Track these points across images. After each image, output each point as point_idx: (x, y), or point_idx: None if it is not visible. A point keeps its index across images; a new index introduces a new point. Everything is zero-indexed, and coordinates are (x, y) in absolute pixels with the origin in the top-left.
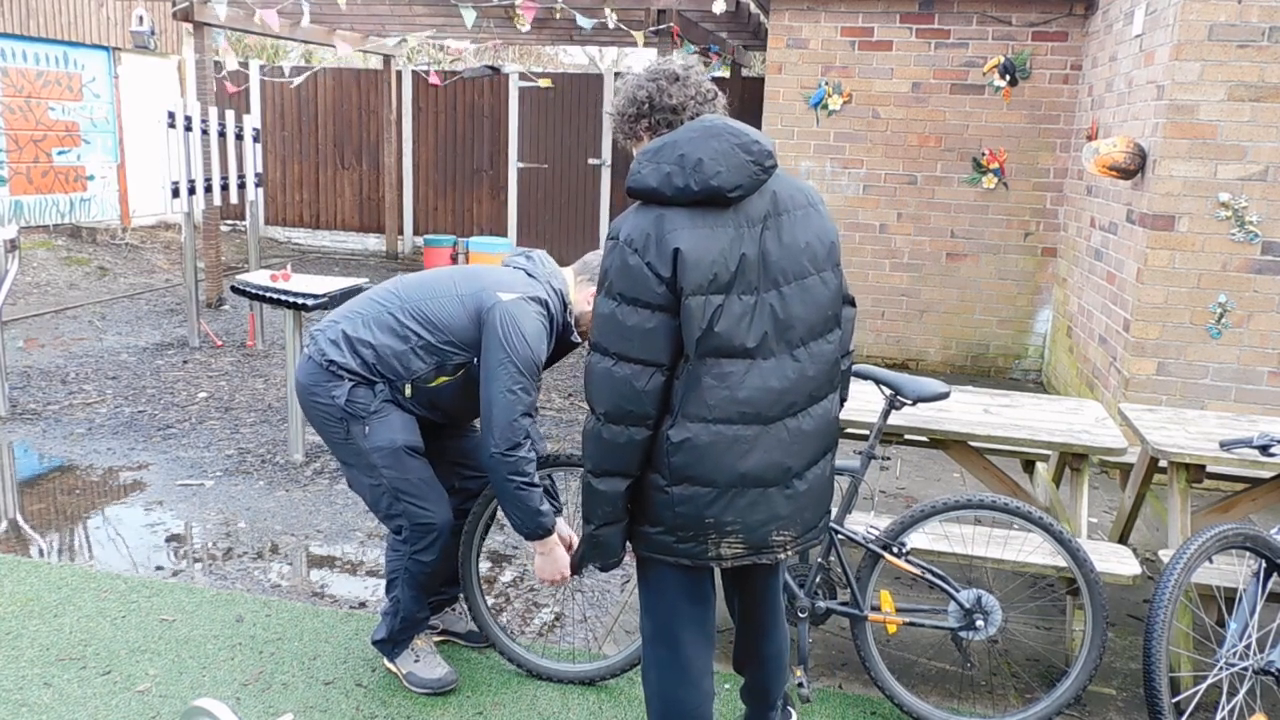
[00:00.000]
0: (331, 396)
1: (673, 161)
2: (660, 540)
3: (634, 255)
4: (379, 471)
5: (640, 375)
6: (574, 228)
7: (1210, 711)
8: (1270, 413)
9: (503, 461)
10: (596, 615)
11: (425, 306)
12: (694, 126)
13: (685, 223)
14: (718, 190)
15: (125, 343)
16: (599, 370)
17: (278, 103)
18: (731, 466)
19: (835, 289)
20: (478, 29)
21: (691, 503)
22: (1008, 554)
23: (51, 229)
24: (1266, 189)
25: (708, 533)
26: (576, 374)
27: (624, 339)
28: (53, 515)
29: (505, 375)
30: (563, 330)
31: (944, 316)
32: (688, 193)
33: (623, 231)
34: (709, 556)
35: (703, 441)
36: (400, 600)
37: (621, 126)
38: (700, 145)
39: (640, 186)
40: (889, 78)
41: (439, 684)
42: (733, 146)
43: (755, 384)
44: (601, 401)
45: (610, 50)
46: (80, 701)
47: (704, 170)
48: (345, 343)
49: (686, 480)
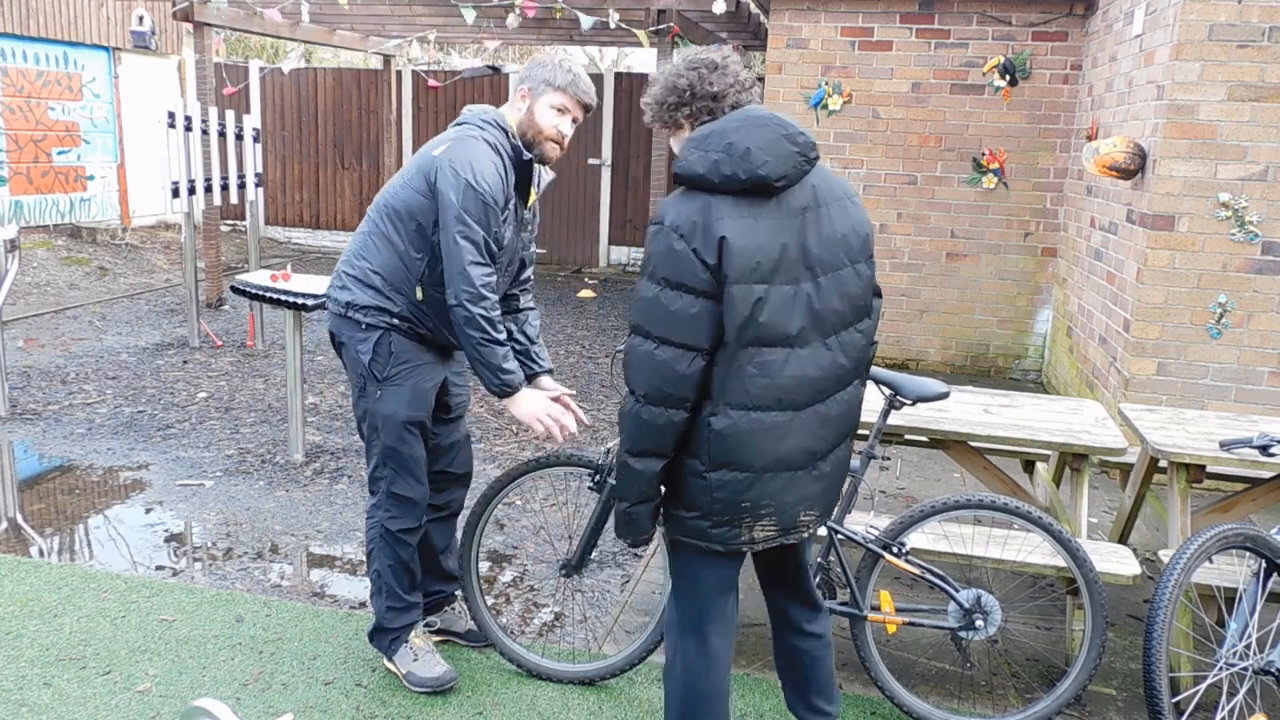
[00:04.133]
0: (358, 351)
1: (720, 149)
2: (695, 525)
3: (680, 241)
4: (378, 433)
5: (681, 359)
6: (574, 227)
7: (1210, 711)
8: (1270, 413)
9: (458, 313)
10: (596, 615)
11: (389, 202)
12: (741, 115)
13: (731, 211)
14: (764, 179)
15: (125, 343)
16: (640, 353)
17: (278, 103)
18: (769, 451)
19: (868, 280)
20: (478, 28)
21: (729, 487)
22: (1008, 554)
23: (51, 229)
24: (1266, 189)
25: (743, 516)
26: (577, 374)
27: (667, 323)
28: (53, 515)
29: (451, 225)
30: (515, 154)
31: (944, 316)
32: (735, 181)
33: (668, 217)
34: (741, 541)
35: (743, 429)
36: (380, 573)
37: (660, 114)
38: (748, 134)
39: (688, 173)
40: (889, 78)
41: (438, 682)
42: (779, 137)
43: (794, 373)
44: (642, 383)
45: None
46: (80, 701)
47: (752, 159)
48: (351, 280)
49: (725, 465)
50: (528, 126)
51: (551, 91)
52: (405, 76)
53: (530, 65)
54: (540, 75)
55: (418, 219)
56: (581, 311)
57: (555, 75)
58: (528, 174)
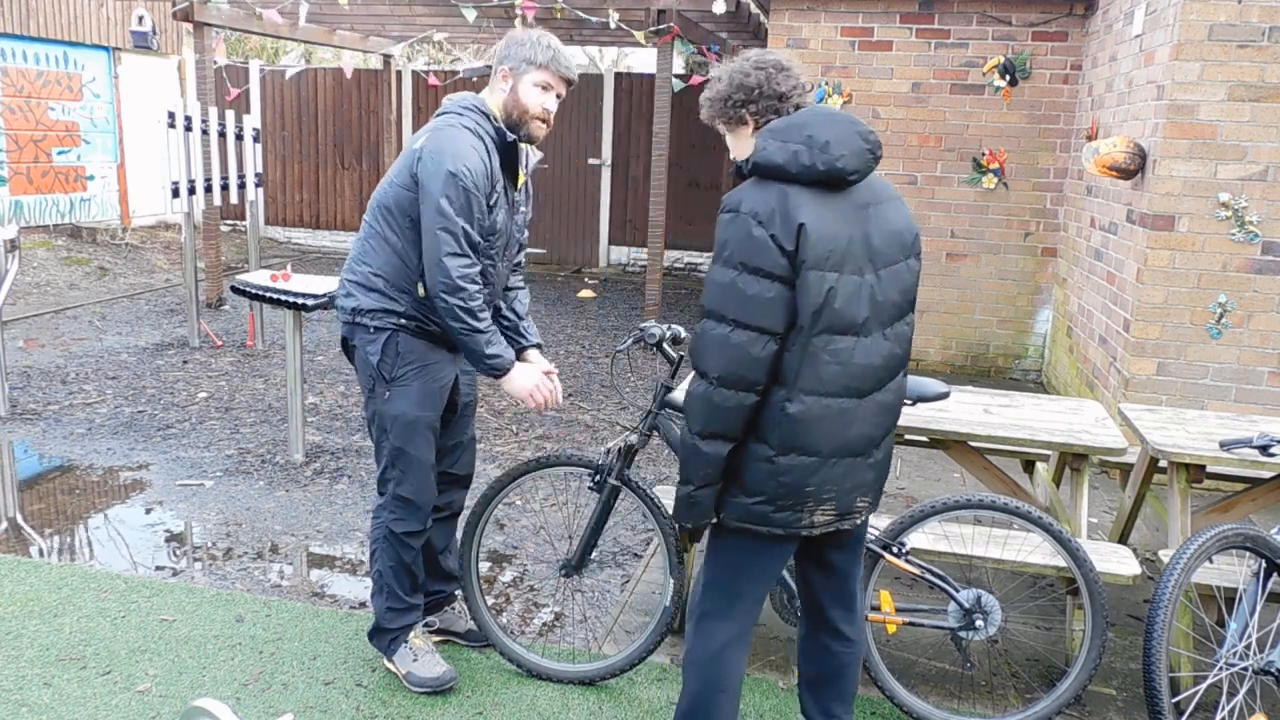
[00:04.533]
0: (367, 353)
1: (800, 141)
2: (758, 510)
3: (759, 227)
4: (387, 434)
5: (756, 342)
6: (574, 227)
7: (1210, 711)
8: (1270, 413)
9: (438, 304)
10: (596, 615)
11: (381, 201)
12: (817, 111)
13: (807, 200)
14: (840, 172)
15: (125, 343)
16: (714, 335)
17: (278, 103)
18: (837, 437)
19: (916, 275)
20: (478, 28)
21: (796, 471)
22: (1008, 554)
23: (51, 229)
24: (1266, 189)
25: (806, 501)
26: (577, 374)
27: (743, 306)
28: (53, 515)
29: (430, 216)
30: (498, 137)
31: (944, 316)
32: (812, 172)
33: (745, 204)
34: (802, 525)
35: (815, 414)
36: (382, 573)
37: (725, 110)
38: (826, 128)
39: (767, 163)
40: (889, 78)
41: (438, 682)
42: (854, 133)
43: (861, 360)
44: (715, 366)
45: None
46: (80, 701)
47: (830, 152)
48: (355, 287)
49: (795, 450)
50: (513, 107)
51: (534, 69)
52: (405, 76)
53: (508, 44)
54: (520, 54)
55: (409, 214)
56: (581, 312)
57: (536, 53)
58: (514, 156)
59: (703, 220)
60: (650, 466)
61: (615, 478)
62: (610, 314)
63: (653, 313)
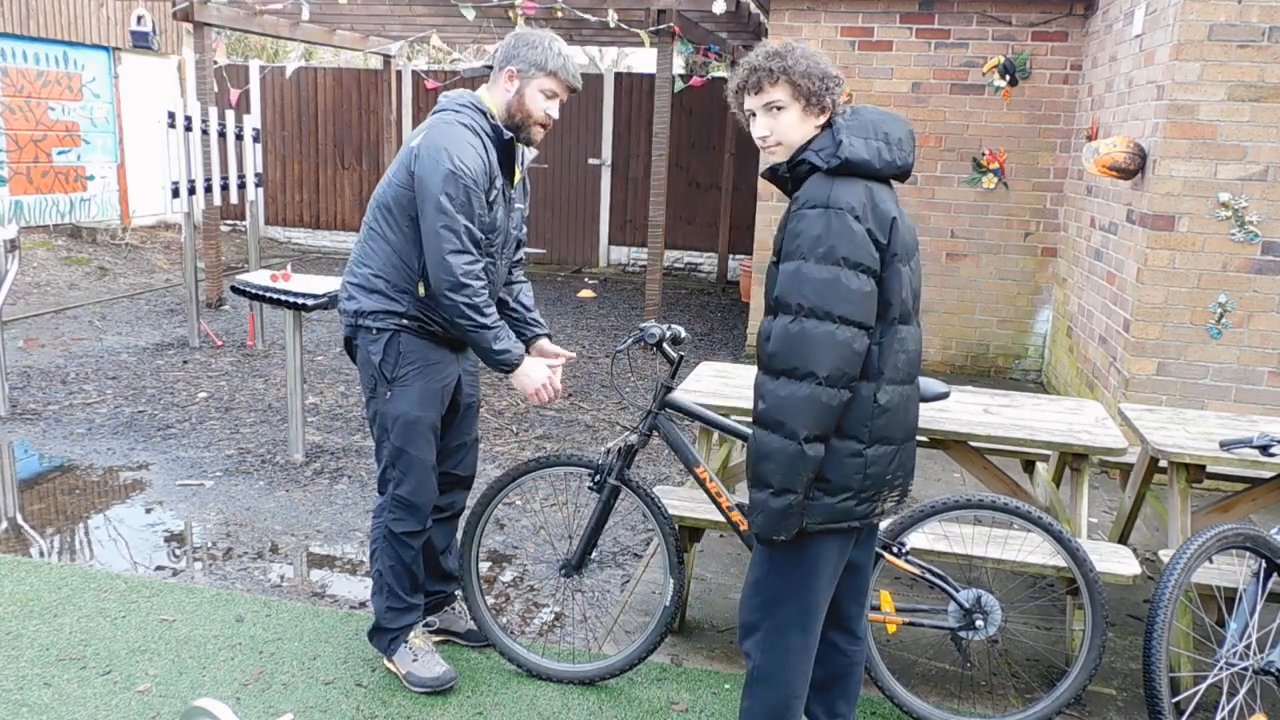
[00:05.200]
0: (369, 353)
1: (880, 138)
2: (843, 507)
3: (857, 222)
4: (388, 434)
5: (858, 338)
6: (574, 227)
7: (1210, 711)
8: (1270, 413)
9: (445, 302)
10: (596, 615)
11: (380, 200)
12: (871, 109)
13: (885, 196)
14: (907, 168)
15: (125, 343)
16: (820, 334)
17: (278, 103)
18: (906, 422)
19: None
20: (478, 28)
21: (880, 461)
22: (1008, 554)
23: (51, 229)
24: (1266, 189)
25: (884, 488)
26: (577, 374)
27: (849, 302)
28: (53, 515)
29: (430, 214)
30: (495, 134)
31: (944, 316)
32: (892, 168)
33: (837, 199)
34: (875, 513)
35: (896, 402)
36: (382, 573)
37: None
38: (893, 126)
39: (856, 158)
40: (889, 78)
41: (438, 682)
42: (908, 132)
43: (914, 347)
44: (824, 365)
45: (610, 50)
46: (80, 701)
47: (904, 148)
48: (356, 289)
49: (881, 440)
50: (516, 110)
51: (543, 76)
52: (405, 76)
53: (516, 44)
54: (531, 57)
55: (409, 213)
56: (581, 312)
57: (548, 59)
58: (510, 153)
59: (702, 220)
60: (650, 466)
61: (615, 478)
62: (610, 314)
63: (653, 313)
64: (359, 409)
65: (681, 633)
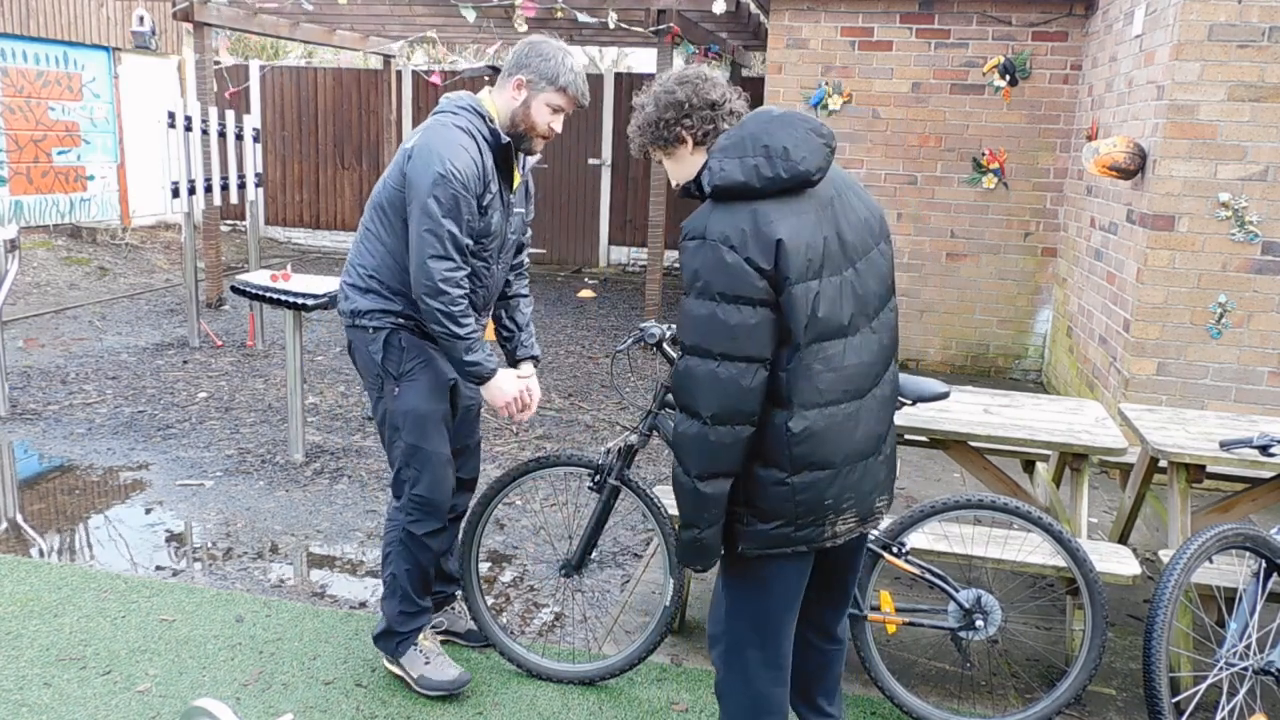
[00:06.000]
0: (369, 352)
1: (757, 153)
2: (779, 534)
3: (731, 253)
4: (399, 432)
5: (746, 373)
6: (574, 227)
7: (1210, 711)
8: (1270, 413)
9: (422, 306)
10: (596, 615)
11: (376, 201)
12: (760, 116)
13: (778, 212)
14: (806, 175)
15: (125, 343)
16: (701, 373)
17: (278, 103)
18: (845, 444)
19: (890, 259)
20: (478, 28)
21: (813, 488)
22: (1008, 554)
23: (51, 229)
24: (1266, 189)
25: (826, 514)
26: (577, 374)
27: (728, 338)
28: (53, 515)
29: (416, 217)
30: (493, 138)
31: (944, 316)
32: (778, 182)
33: (712, 230)
34: (825, 537)
35: (820, 426)
36: (396, 576)
37: (660, 132)
38: (780, 133)
39: (728, 183)
40: (889, 78)
41: (454, 685)
42: (807, 131)
43: (853, 361)
44: (708, 404)
45: (610, 50)
46: (80, 701)
47: (791, 157)
48: (352, 289)
49: (808, 467)
50: (521, 120)
51: (552, 90)
52: (405, 76)
53: (528, 53)
54: (543, 70)
55: (402, 214)
56: (581, 312)
57: (559, 73)
58: (509, 157)
59: None
60: (650, 466)
61: (615, 478)
62: (610, 314)
63: (653, 313)
64: (359, 409)
65: (681, 633)
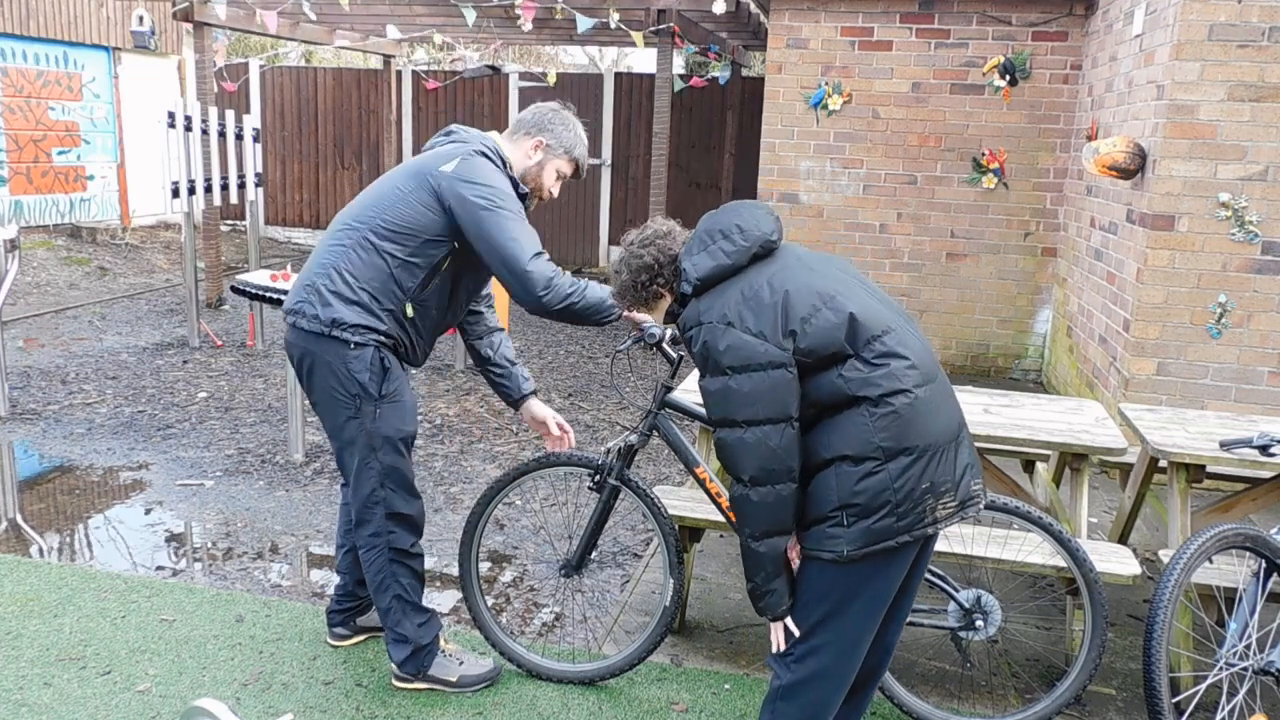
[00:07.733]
0: (350, 369)
1: (718, 238)
2: (882, 526)
3: (729, 329)
4: (374, 454)
5: (771, 434)
6: (574, 227)
7: (1210, 711)
8: (1270, 413)
9: (546, 304)
10: (596, 615)
11: (385, 219)
12: (707, 218)
13: (759, 277)
14: (765, 237)
15: (125, 343)
16: (731, 441)
17: (278, 102)
18: (931, 427)
19: None
20: (478, 28)
21: (908, 473)
22: (1008, 554)
23: (51, 229)
24: (1266, 189)
25: (925, 498)
26: (577, 374)
27: (745, 405)
28: (53, 515)
29: (497, 229)
30: (512, 185)
31: (944, 316)
32: (745, 251)
33: (706, 315)
34: (926, 523)
35: (905, 411)
36: (399, 596)
37: (641, 295)
38: (725, 218)
39: (705, 273)
40: (889, 78)
41: (493, 675)
42: (751, 207)
43: (912, 344)
44: (745, 468)
45: (610, 50)
46: (80, 701)
47: (747, 228)
48: (334, 296)
49: (901, 453)
50: (532, 180)
51: (565, 159)
52: (405, 76)
53: (553, 119)
54: (563, 139)
55: (423, 236)
56: None
57: (575, 145)
58: None
59: None
60: (650, 466)
61: (615, 478)
62: None
63: None
64: None
65: (681, 633)
